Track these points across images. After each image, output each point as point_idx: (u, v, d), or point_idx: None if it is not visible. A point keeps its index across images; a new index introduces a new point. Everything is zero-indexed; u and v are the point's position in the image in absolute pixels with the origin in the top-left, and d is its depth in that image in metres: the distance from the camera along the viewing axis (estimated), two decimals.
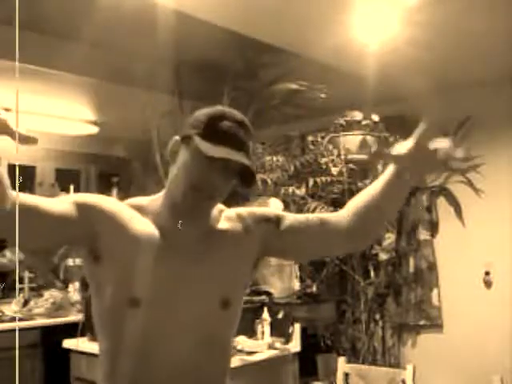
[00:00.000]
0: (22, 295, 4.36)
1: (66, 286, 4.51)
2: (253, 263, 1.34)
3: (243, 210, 1.38)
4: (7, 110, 1.01)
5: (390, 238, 4.07)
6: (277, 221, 1.35)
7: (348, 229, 1.33)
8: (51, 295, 4.30)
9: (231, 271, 1.28)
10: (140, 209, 1.26)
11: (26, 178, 4.53)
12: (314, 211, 3.65)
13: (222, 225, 1.31)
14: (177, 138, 1.24)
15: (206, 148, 1.15)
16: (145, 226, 1.22)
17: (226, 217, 1.33)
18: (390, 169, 1.33)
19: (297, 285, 3.90)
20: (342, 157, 3.72)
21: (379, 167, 3.78)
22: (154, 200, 1.28)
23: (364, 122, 3.76)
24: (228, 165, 1.17)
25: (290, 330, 3.24)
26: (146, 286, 1.18)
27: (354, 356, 3.97)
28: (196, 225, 1.26)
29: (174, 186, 1.22)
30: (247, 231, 1.32)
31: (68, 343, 3.19)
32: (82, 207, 1.18)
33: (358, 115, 3.78)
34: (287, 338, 3.21)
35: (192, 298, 1.21)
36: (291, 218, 1.37)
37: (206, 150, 1.14)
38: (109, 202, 1.24)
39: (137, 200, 1.29)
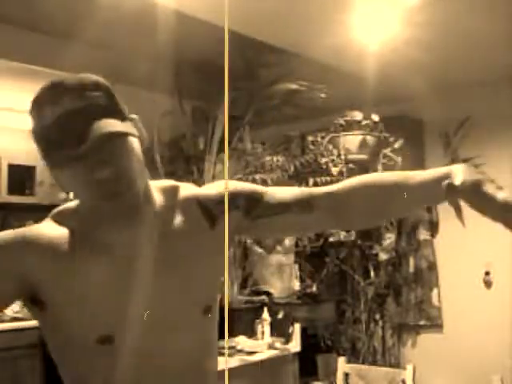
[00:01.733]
0: None
1: None
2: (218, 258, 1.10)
3: (206, 193, 1.09)
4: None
5: (390, 238, 4.07)
6: (247, 207, 1.08)
7: (338, 207, 1.09)
8: None
9: (203, 276, 1.06)
10: (69, 224, 1.03)
11: (25, 178, 4.53)
12: None
13: (178, 219, 1.05)
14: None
15: (57, 155, 0.95)
16: (84, 252, 0.99)
17: (182, 204, 1.07)
18: (439, 174, 1.07)
19: (297, 285, 3.90)
20: (342, 157, 3.72)
21: (379, 167, 3.78)
22: (78, 206, 1.06)
23: (364, 122, 3.76)
24: (94, 148, 0.90)
25: (290, 330, 3.24)
26: (114, 320, 0.99)
27: (353, 356, 3.97)
28: (139, 226, 1.02)
29: (84, 208, 1.03)
30: (212, 226, 1.07)
31: None
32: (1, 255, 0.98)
33: (358, 115, 3.78)
34: (287, 338, 3.21)
35: (170, 315, 1.02)
36: (267, 198, 1.09)
37: (59, 158, 0.94)
38: (29, 238, 1.01)
39: (63, 210, 1.08)
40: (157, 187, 1.07)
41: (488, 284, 4.03)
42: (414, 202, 1.13)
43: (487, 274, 4.02)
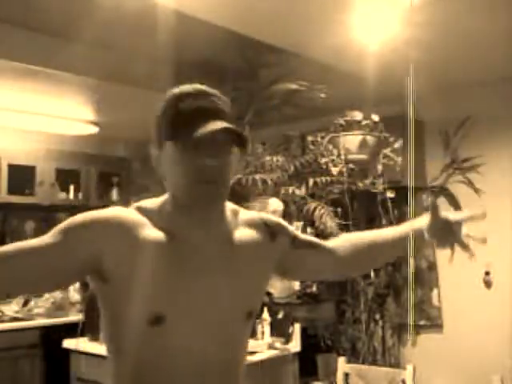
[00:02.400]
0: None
1: None
2: (272, 272, 1.32)
3: (266, 216, 1.35)
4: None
5: None
6: (293, 238, 1.34)
7: (343, 260, 1.38)
8: (51, 295, 4.30)
9: (255, 283, 1.24)
10: (149, 214, 1.16)
11: (26, 177, 4.53)
12: (313, 211, 3.65)
13: (243, 231, 1.24)
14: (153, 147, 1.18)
15: (183, 134, 1.08)
16: (156, 235, 1.12)
17: (246, 221, 1.27)
18: (413, 226, 1.49)
19: (297, 285, 3.90)
20: (342, 157, 3.72)
21: (379, 167, 3.78)
22: (164, 202, 1.19)
23: (364, 122, 3.76)
24: (212, 140, 1.09)
25: (290, 330, 3.24)
26: (168, 301, 1.09)
27: (353, 356, 3.97)
28: (212, 226, 1.19)
29: (175, 188, 1.15)
30: (273, 239, 1.29)
31: (68, 343, 3.19)
32: (71, 235, 1.10)
33: (358, 115, 3.78)
34: (287, 338, 3.21)
35: (218, 312, 1.14)
36: (302, 238, 1.37)
37: (189, 133, 1.07)
38: (107, 217, 1.12)
39: (145, 204, 1.19)
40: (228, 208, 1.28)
41: (488, 284, 4.03)
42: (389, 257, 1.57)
43: (487, 274, 4.02)
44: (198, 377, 1.13)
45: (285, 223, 1.37)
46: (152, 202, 1.19)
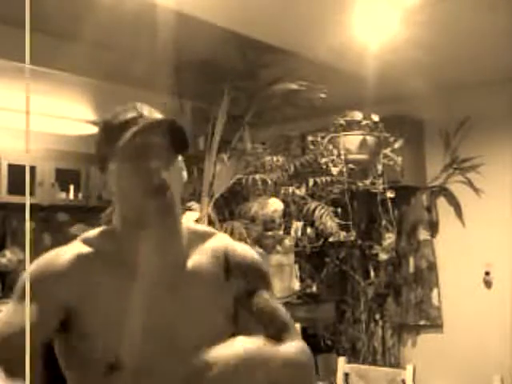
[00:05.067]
0: None
1: None
2: (231, 316, 1.15)
3: (231, 252, 1.19)
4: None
5: (390, 238, 4.07)
6: (252, 290, 1.17)
7: None
8: None
9: (210, 318, 1.12)
10: (96, 245, 1.12)
11: (26, 178, 4.53)
12: (314, 211, 3.65)
13: (201, 258, 1.15)
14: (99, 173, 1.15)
15: (117, 145, 1.05)
16: (108, 272, 1.08)
17: (211, 248, 1.17)
18: None
19: (297, 285, 3.90)
20: (342, 157, 3.72)
21: (379, 167, 3.78)
22: (109, 230, 1.15)
23: (364, 122, 3.76)
24: (140, 144, 1.06)
25: None
26: (126, 346, 1.04)
27: (353, 356, 3.97)
28: (164, 248, 1.11)
29: (124, 207, 1.11)
30: (227, 278, 1.16)
31: None
32: (36, 300, 1.04)
33: (357, 115, 3.78)
34: None
35: (175, 352, 1.06)
36: (264, 296, 1.17)
37: (117, 146, 1.04)
38: (60, 270, 1.08)
39: (90, 235, 1.15)
40: (189, 228, 1.19)
41: (488, 284, 4.03)
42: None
43: (487, 274, 4.02)
44: None
45: (262, 270, 1.21)
46: (97, 232, 1.16)
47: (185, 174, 1.16)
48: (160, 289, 1.09)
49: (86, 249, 1.11)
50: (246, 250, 1.22)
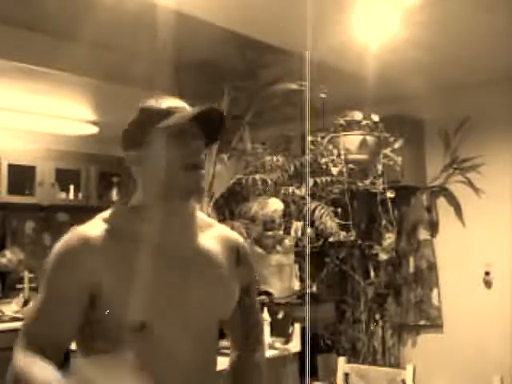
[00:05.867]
0: (21, 295, 4.36)
1: None
2: (237, 293, 1.30)
3: (241, 243, 1.36)
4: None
5: (390, 238, 4.07)
6: (245, 288, 1.33)
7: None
8: None
9: (223, 293, 1.26)
10: (116, 223, 1.20)
11: (26, 177, 4.53)
12: (314, 211, 3.65)
13: (212, 242, 1.28)
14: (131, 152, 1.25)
15: (163, 125, 1.19)
16: (128, 245, 1.16)
17: (219, 235, 1.31)
18: None
19: (297, 285, 3.89)
20: (342, 157, 3.72)
21: (379, 167, 3.78)
22: (129, 209, 1.25)
23: (364, 122, 3.75)
24: (190, 126, 1.21)
25: (290, 330, 3.24)
26: (150, 308, 1.14)
27: (353, 356, 3.97)
28: (182, 227, 1.23)
29: (157, 182, 1.21)
30: (238, 265, 1.31)
31: None
32: (62, 277, 1.14)
33: (357, 115, 3.78)
34: (287, 338, 3.21)
35: (193, 316, 1.19)
36: (248, 301, 1.35)
37: (163, 125, 1.19)
38: (84, 248, 1.15)
39: (109, 213, 1.24)
40: (198, 215, 1.30)
41: (488, 284, 4.03)
42: None
43: (487, 274, 4.02)
44: (179, 380, 1.17)
45: (253, 266, 1.38)
46: (116, 211, 1.25)
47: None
48: (177, 264, 1.18)
49: (108, 226, 1.18)
50: (246, 246, 1.38)
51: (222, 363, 1.36)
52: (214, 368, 1.29)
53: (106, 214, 1.23)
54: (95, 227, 1.19)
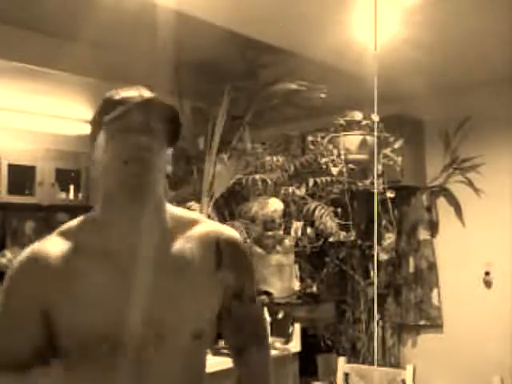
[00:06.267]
0: None
1: None
2: (217, 305, 1.17)
3: (223, 239, 1.19)
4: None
5: (390, 238, 4.07)
6: (239, 290, 1.21)
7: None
8: None
9: (197, 301, 1.12)
10: (73, 236, 1.13)
11: (25, 177, 4.53)
12: (314, 211, 3.65)
13: (187, 242, 1.14)
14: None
15: (105, 119, 1.09)
16: (85, 261, 1.09)
17: (199, 234, 1.16)
18: None
19: (297, 285, 3.90)
20: (342, 157, 3.72)
21: (379, 167, 3.78)
22: (88, 216, 1.16)
23: (364, 122, 3.75)
24: (128, 120, 1.08)
25: (290, 330, 3.24)
26: (110, 322, 1.05)
27: (353, 356, 3.97)
28: (145, 229, 1.10)
29: (105, 178, 1.11)
30: (217, 267, 1.16)
31: None
32: (14, 301, 1.10)
33: (357, 115, 3.78)
34: (287, 338, 3.21)
35: (161, 331, 1.07)
36: (246, 302, 1.24)
37: (105, 120, 1.09)
38: (38, 262, 1.10)
39: (67, 226, 1.17)
40: (174, 214, 1.17)
41: (488, 284, 4.03)
42: None
43: (487, 274, 4.02)
44: None
45: (249, 261, 1.26)
46: (74, 223, 1.17)
47: (170, 167, 1.16)
48: (144, 272, 1.08)
49: (65, 242, 1.12)
50: (236, 239, 1.22)
51: (221, 363, 1.34)
52: (200, 381, 1.18)
53: (66, 227, 1.17)
54: (50, 242, 1.14)
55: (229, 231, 1.22)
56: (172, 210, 1.18)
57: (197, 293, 1.12)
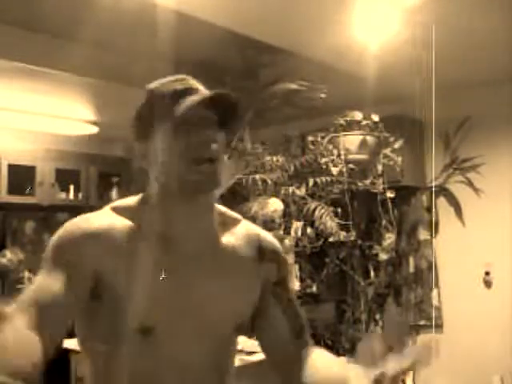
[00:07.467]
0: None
1: None
2: (256, 298, 1.18)
3: (268, 241, 1.23)
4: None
5: (390, 238, 4.07)
6: (279, 280, 1.21)
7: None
8: None
9: (243, 295, 1.15)
10: (127, 214, 1.10)
11: (25, 178, 4.53)
12: (314, 211, 3.65)
13: (232, 239, 1.17)
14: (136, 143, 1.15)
15: (176, 112, 1.05)
16: (143, 241, 1.07)
17: (241, 233, 1.19)
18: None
19: (297, 285, 3.90)
20: (342, 157, 3.72)
21: (379, 167, 3.78)
22: (142, 200, 1.14)
23: (364, 122, 3.75)
24: (202, 113, 1.07)
25: None
26: (158, 311, 1.05)
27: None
28: (199, 223, 1.11)
29: (167, 176, 1.09)
30: (261, 261, 1.19)
31: (68, 343, 3.18)
32: (69, 265, 1.02)
33: (357, 115, 3.78)
34: None
35: (206, 321, 1.09)
36: (283, 291, 1.22)
37: (176, 113, 1.05)
38: (90, 233, 1.06)
39: (121, 203, 1.14)
40: (220, 210, 1.20)
41: (488, 284, 4.03)
42: None
43: (487, 274, 4.02)
44: None
45: (286, 260, 1.26)
46: (128, 201, 1.15)
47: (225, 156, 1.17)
48: (192, 261, 1.09)
49: (117, 217, 1.10)
50: (274, 240, 1.26)
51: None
52: (228, 374, 1.18)
53: (119, 204, 1.14)
54: (103, 217, 1.10)
55: (265, 232, 1.26)
56: (217, 205, 1.21)
57: (242, 287, 1.15)
